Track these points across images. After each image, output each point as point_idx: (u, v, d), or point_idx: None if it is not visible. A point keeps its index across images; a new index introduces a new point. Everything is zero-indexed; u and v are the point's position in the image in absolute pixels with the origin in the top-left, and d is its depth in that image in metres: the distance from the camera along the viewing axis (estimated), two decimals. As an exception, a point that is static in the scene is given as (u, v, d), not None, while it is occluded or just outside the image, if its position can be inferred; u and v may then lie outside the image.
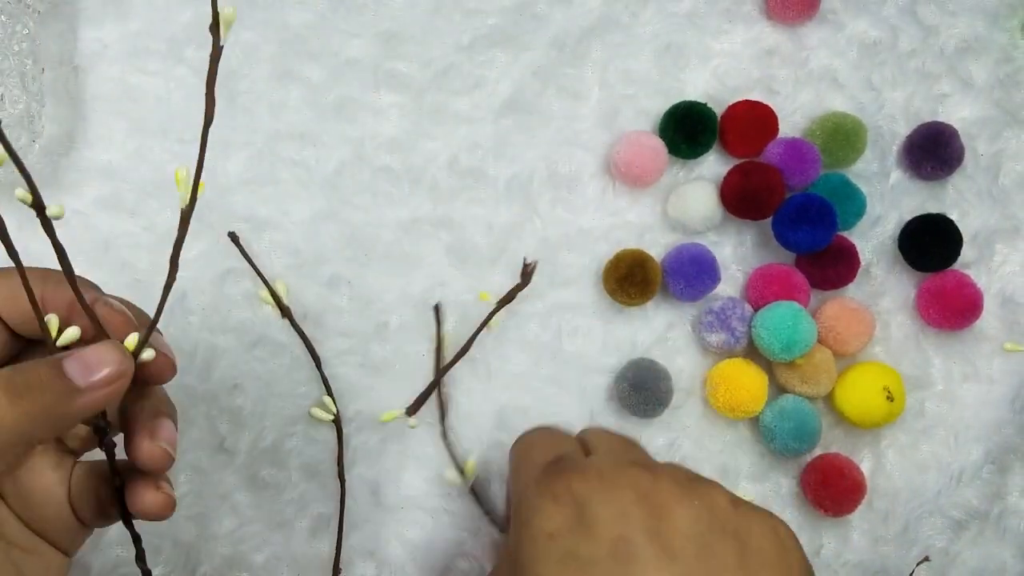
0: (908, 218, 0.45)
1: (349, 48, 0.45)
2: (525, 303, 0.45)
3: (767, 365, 0.44)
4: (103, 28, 0.45)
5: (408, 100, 0.45)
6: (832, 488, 0.43)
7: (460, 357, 0.43)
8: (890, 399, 0.42)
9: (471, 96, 0.46)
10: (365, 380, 0.44)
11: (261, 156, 0.45)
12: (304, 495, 0.43)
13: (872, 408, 0.43)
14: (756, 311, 0.44)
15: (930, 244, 0.44)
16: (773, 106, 0.45)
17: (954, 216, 0.45)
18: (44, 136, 0.43)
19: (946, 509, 0.44)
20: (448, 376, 0.44)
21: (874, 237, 0.46)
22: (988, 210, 0.46)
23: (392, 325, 0.44)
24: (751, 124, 0.45)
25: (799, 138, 0.45)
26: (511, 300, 0.43)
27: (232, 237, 0.43)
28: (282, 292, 0.43)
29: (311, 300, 0.44)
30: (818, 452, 0.44)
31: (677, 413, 0.45)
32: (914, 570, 0.44)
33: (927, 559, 0.44)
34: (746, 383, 0.43)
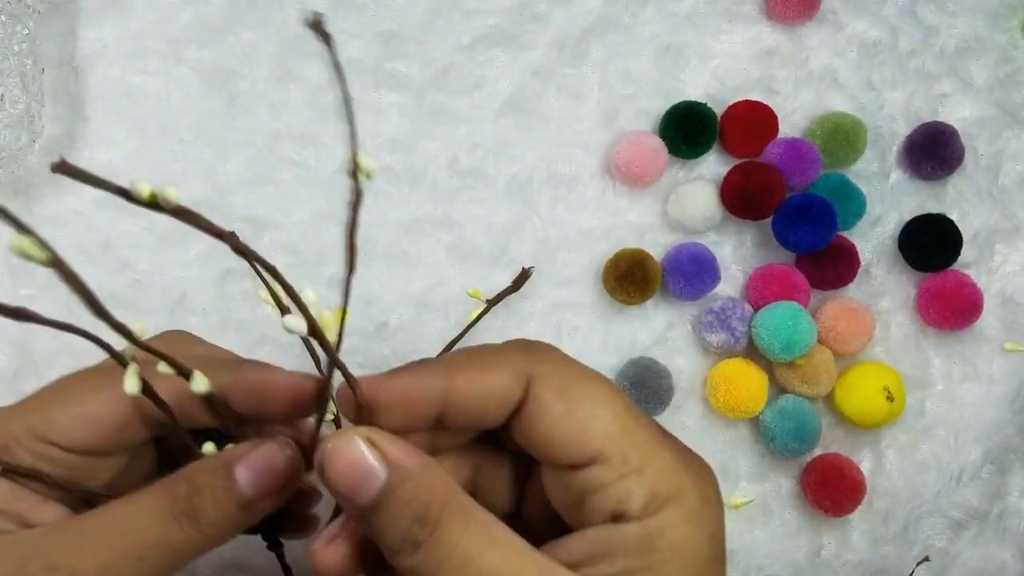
0: (908, 218, 0.45)
1: (349, 48, 0.45)
2: (525, 303, 0.45)
3: (767, 365, 0.44)
4: (103, 28, 0.45)
5: (408, 100, 0.45)
6: (832, 488, 0.43)
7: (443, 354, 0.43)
8: (890, 399, 0.42)
9: (471, 96, 0.46)
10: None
11: (261, 156, 0.45)
12: (304, 495, 0.43)
13: (872, 408, 0.43)
14: (756, 311, 0.44)
15: (930, 244, 0.44)
16: (773, 106, 0.45)
17: (954, 216, 0.45)
18: (44, 136, 0.43)
19: (946, 509, 0.44)
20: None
21: (874, 237, 0.46)
22: (988, 210, 0.46)
23: (392, 325, 0.44)
24: (751, 124, 0.45)
25: (799, 138, 0.45)
26: (499, 302, 0.43)
27: (232, 237, 0.43)
28: (282, 292, 0.43)
29: (311, 300, 0.44)
30: (818, 452, 0.44)
31: (677, 413, 0.45)
32: (914, 570, 0.44)
33: (927, 559, 0.44)
34: (746, 383, 0.43)
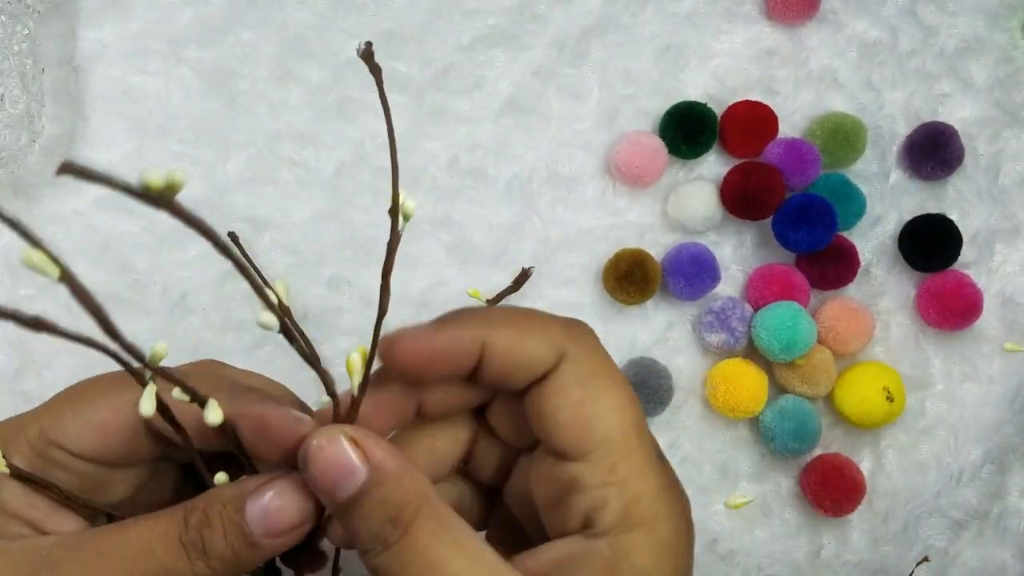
0: (908, 218, 0.45)
1: (349, 48, 0.45)
2: (525, 303, 0.45)
3: (767, 365, 0.44)
4: (103, 28, 0.45)
5: (408, 100, 0.45)
6: (832, 488, 0.43)
7: None
8: (890, 399, 0.42)
9: (471, 96, 0.46)
10: (365, 380, 0.44)
11: (261, 156, 0.45)
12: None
13: (872, 408, 0.43)
14: (756, 311, 0.44)
15: (930, 244, 0.44)
16: (773, 106, 0.45)
17: (954, 216, 0.45)
18: (44, 136, 0.43)
19: (946, 509, 0.44)
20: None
21: (874, 237, 0.46)
22: (988, 210, 0.46)
23: (392, 325, 0.44)
24: (751, 124, 0.45)
25: (799, 138, 0.45)
26: (499, 302, 0.43)
27: (232, 237, 0.43)
28: (282, 292, 0.43)
29: (311, 300, 0.44)
30: (818, 452, 0.44)
31: (677, 413, 0.45)
32: (914, 570, 0.44)
33: (927, 559, 0.44)
34: (746, 383, 0.43)
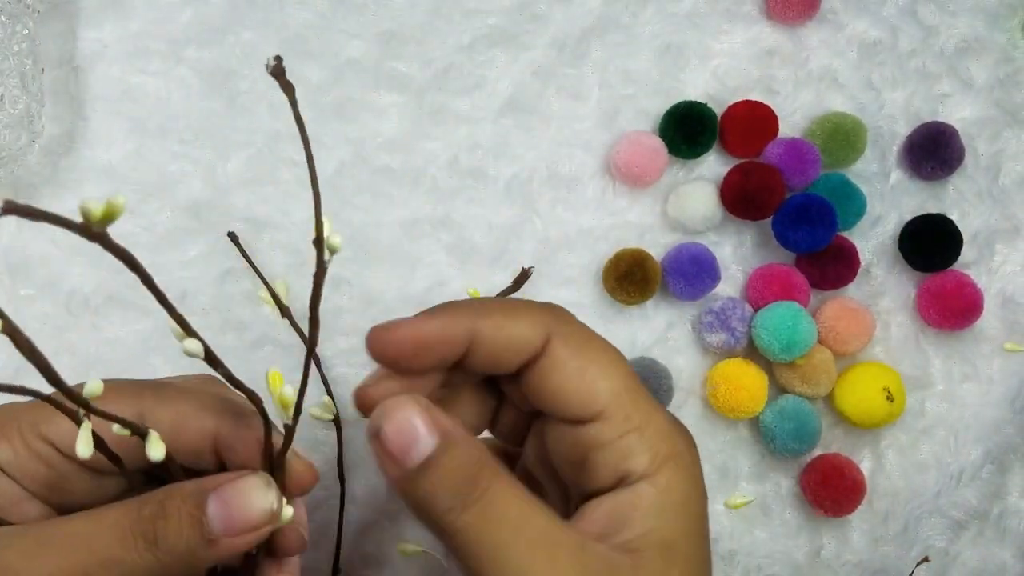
0: (908, 218, 0.45)
1: (349, 48, 0.45)
2: (525, 303, 0.45)
3: (767, 365, 0.44)
4: (103, 28, 0.45)
5: (408, 100, 0.45)
6: (832, 488, 0.43)
7: None
8: (890, 399, 0.42)
9: (471, 96, 0.46)
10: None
11: (261, 156, 0.45)
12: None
13: (872, 408, 0.43)
14: (756, 311, 0.44)
15: (930, 244, 0.44)
16: (773, 106, 0.45)
17: (954, 216, 0.45)
18: (44, 136, 0.43)
19: (946, 509, 0.44)
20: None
21: (874, 237, 0.46)
22: (988, 210, 0.46)
23: (392, 325, 0.44)
24: (751, 124, 0.45)
25: (799, 138, 0.45)
26: None
27: (232, 237, 0.43)
28: (282, 292, 0.43)
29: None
30: (818, 452, 0.44)
31: (677, 413, 0.45)
32: (914, 570, 0.44)
33: (927, 559, 0.44)
34: (746, 383, 0.43)
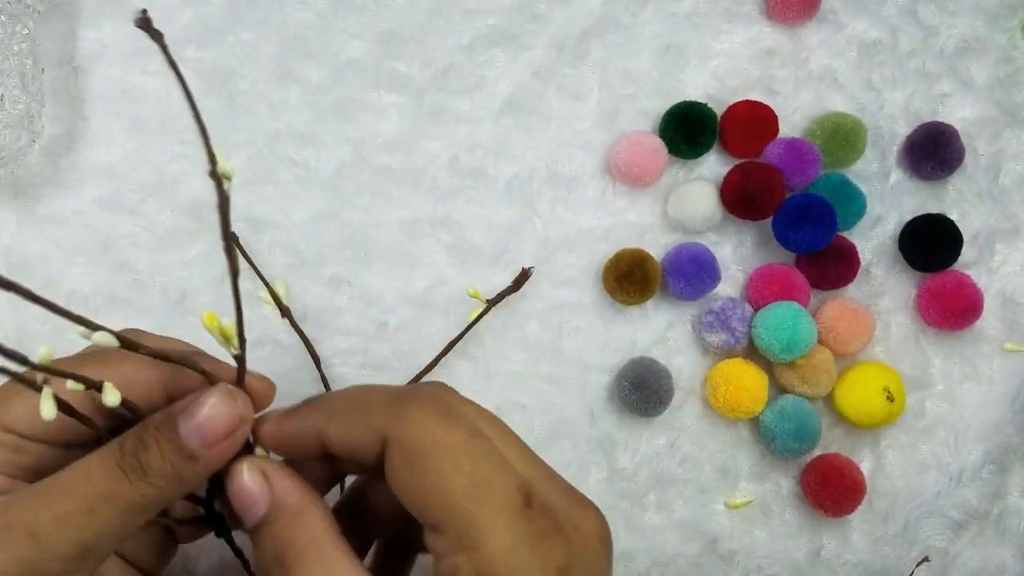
0: (908, 218, 0.45)
1: (349, 48, 0.45)
2: (525, 302, 0.45)
3: (767, 365, 0.44)
4: (103, 28, 0.45)
5: (408, 100, 0.45)
6: (832, 488, 0.43)
7: (444, 355, 0.43)
8: (890, 399, 0.42)
9: (471, 96, 0.46)
10: (365, 380, 0.44)
11: (261, 156, 0.45)
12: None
13: (872, 408, 0.43)
14: (756, 311, 0.44)
15: (930, 244, 0.44)
16: (773, 106, 0.45)
17: (954, 216, 0.45)
18: (44, 136, 0.43)
19: (946, 509, 0.44)
20: (448, 374, 0.44)
21: (874, 237, 0.46)
22: (988, 210, 0.46)
23: (392, 325, 0.44)
24: (751, 124, 0.45)
25: (799, 138, 0.45)
26: (499, 302, 0.43)
27: (232, 237, 0.43)
28: (282, 292, 0.43)
29: (311, 300, 0.44)
30: (818, 452, 0.44)
31: (677, 413, 0.45)
32: (914, 570, 0.44)
33: (927, 559, 0.44)
34: (746, 383, 0.43)
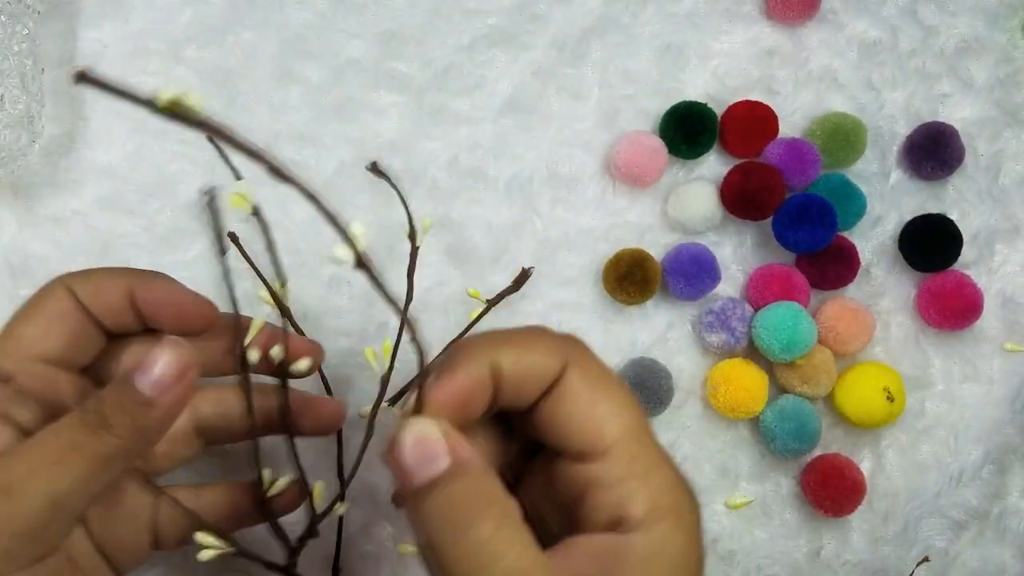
0: (908, 218, 0.45)
1: (349, 48, 0.45)
2: (525, 303, 0.45)
3: (767, 365, 0.44)
4: (103, 28, 0.45)
5: (408, 100, 0.45)
6: (832, 488, 0.43)
7: (444, 353, 0.43)
8: (890, 399, 0.42)
9: (471, 96, 0.46)
10: (365, 380, 0.44)
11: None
12: (304, 495, 0.43)
13: (872, 408, 0.43)
14: (756, 311, 0.44)
15: (930, 244, 0.44)
16: (773, 106, 0.45)
17: (954, 216, 0.45)
18: (44, 136, 0.43)
19: (946, 509, 0.44)
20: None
21: (874, 237, 0.46)
22: (988, 210, 0.46)
23: (392, 325, 0.44)
24: (751, 124, 0.45)
25: (799, 138, 0.45)
26: (499, 302, 0.43)
27: (232, 237, 0.43)
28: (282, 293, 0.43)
29: (311, 300, 0.44)
30: (818, 452, 0.44)
31: (677, 413, 0.45)
32: (914, 570, 0.44)
33: (927, 559, 0.44)
34: (746, 383, 0.43)
